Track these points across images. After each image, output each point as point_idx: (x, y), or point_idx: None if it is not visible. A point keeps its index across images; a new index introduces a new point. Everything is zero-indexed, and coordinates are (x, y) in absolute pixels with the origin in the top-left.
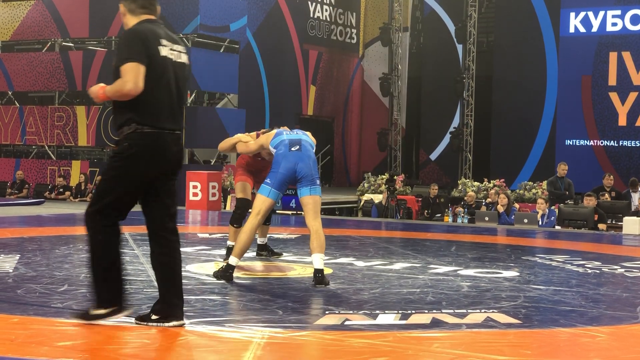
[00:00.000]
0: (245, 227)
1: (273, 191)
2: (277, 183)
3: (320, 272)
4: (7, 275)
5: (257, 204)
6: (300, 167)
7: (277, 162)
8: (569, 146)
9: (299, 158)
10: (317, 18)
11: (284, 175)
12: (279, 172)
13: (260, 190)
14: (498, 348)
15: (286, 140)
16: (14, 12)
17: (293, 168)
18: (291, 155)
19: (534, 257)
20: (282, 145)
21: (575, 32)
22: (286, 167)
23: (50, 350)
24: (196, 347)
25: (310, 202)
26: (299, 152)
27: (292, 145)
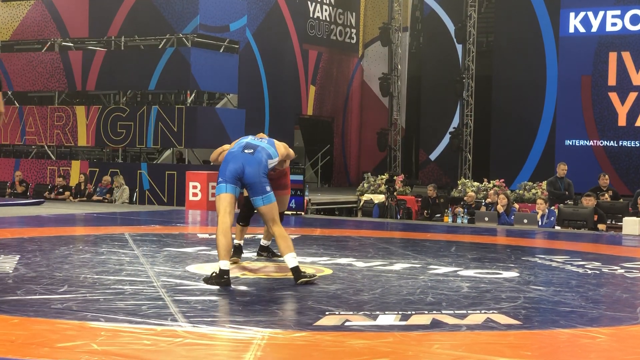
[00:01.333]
0: (219, 228)
1: (229, 186)
2: (228, 177)
3: (297, 269)
4: (7, 276)
5: (220, 203)
6: (248, 171)
7: (226, 161)
8: (569, 146)
9: (247, 161)
10: (316, 18)
11: (232, 171)
12: (227, 169)
13: (217, 191)
14: (498, 349)
15: (243, 142)
16: (13, 12)
17: (240, 168)
18: (241, 156)
19: (533, 257)
20: (237, 145)
21: (575, 32)
22: (233, 165)
23: (51, 352)
24: (196, 348)
25: (266, 210)
26: (249, 156)
27: (246, 147)
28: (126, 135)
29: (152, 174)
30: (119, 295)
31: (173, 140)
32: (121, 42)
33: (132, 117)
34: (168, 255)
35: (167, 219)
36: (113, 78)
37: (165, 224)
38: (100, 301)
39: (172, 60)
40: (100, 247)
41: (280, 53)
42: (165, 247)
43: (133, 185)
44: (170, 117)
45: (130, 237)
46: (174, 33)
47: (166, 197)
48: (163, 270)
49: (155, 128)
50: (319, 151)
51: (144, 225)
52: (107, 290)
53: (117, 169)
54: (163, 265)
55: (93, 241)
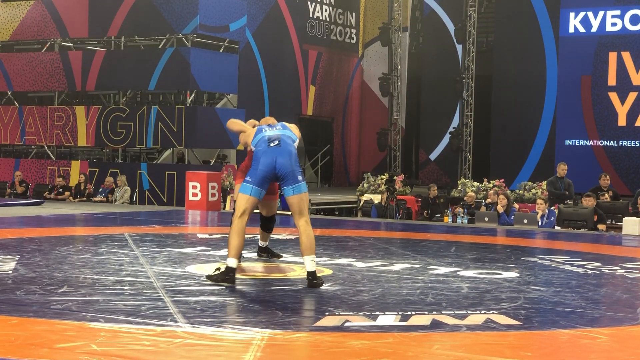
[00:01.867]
0: (234, 228)
1: (255, 189)
2: (258, 180)
3: (313, 274)
4: (7, 276)
5: (241, 203)
6: (280, 163)
7: (257, 159)
8: (569, 146)
9: (277, 153)
10: (316, 18)
11: (264, 171)
12: (259, 169)
13: (241, 189)
14: (498, 350)
15: (265, 136)
16: (13, 12)
17: (272, 164)
18: (270, 151)
19: (533, 257)
20: (261, 143)
21: (574, 32)
22: (265, 162)
23: (50, 352)
24: (196, 349)
25: (295, 201)
26: (277, 148)
27: (270, 141)
28: (126, 135)
29: (151, 174)
30: (118, 296)
31: (173, 140)
32: (121, 42)
33: (132, 117)
34: (168, 256)
35: (166, 219)
36: (113, 78)
37: (165, 224)
38: (99, 302)
39: (172, 60)
40: (100, 248)
41: (280, 53)
42: (165, 248)
43: (133, 186)
44: (170, 117)
45: (130, 238)
46: (173, 33)
47: (166, 197)
48: (163, 270)
49: (155, 128)
50: (318, 151)
51: (144, 225)
52: (106, 291)
53: (117, 169)
54: (163, 265)
55: (93, 241)
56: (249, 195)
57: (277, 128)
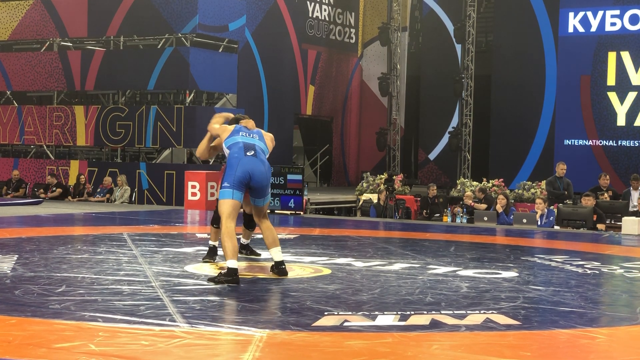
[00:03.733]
0: (225, 232)
1: (235, 192)
2: (236, 184)
3: (282, 263)
4: (5, 276)
5: (225, 208)
6: (256, 176)
7: (232, 165)
8: (568, 146)
9: (254, 165)
10: (315, 18)
11: (241, 177)
12: (236, 175)
13: (222, 195)
14: (498, 349)
15: (241, 143)
16: (12, 12)
17: (248, 173)
18: (246, 160)
19: (533, 257)
20: (236, 148)
21: (574, 32)
22: (242, 170)
23: (48, 352)
24: (194, 349)
25: (263, 208)
26: (254, 158)
27: (246, 149)
28: (125, 135)
29: (151, 174)
30: (117, 296)
31: (172, 140)
32: (120, 41)
33: (131, 117)
34: (166, 255)
35: (165, 219)
36: (112, 78)
37: (164, 223)
38: (98, 301)
39: (171, 60)
40: (99, 247)
41: (279, 53)
42: (163, 247)
43: (132, 185)
44: (169, 117)
45: (129, 237)
46: (172, 33)
47: (165, 197)
48: (161, 270)
49: (154, 128)
50: (318, 151)
51: (143, 225)
52: (105, 291)
53: (116, 169)
54: (161, 265)
55: (91, 241)
56: (231, 199)
57: (254, 136)
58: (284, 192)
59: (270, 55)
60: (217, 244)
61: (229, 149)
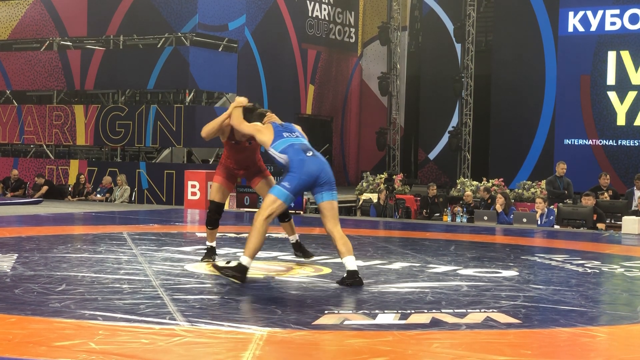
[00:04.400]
0: (258, 228)
1: (290, 197)
2: (297, 189)
3: (356, 273)
4: (5, 275)
5: (273, 206)
6: (323, 173)
7: (297, 167)
8: (568, 145)
9: (318, 164)
10: (315, 17)
11: (306, 181)
12: (301, 178)
13: (276, 193)
14: (498, 348)
15: (296, 145)
16: (12, 11)
17: (316, 174)
18: (310, 161)
19: (533, 256)
20: (291, 150)
21: (574, 32)
22: (308, 172)
23: (48, 350)
24: (195, 347)
25: (328, 207)
26: (315, 158)
27: (305, 150)
28: (125, 135)
29: (150, 173)
30: (117, 294)
31: (172, 139)
32: (120, 41)
33: (130, 116)
34: (166, 254)
35: (165, 218)
36: (112, 77)
37: (164, 223)
38: (98, 300)
39: (171, 59)
40: (99, 246)
41: (279, 52)
42: (163, 246)
43: (132, 185)
44: (169, 116)
45: (129, 236)
46: (172, 32)
47: (165, 196)
48: (161, 269)
49: (154, 127)
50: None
51: (143, 224)
52: (105, 289)
53: (116, 168)
54: (161, 264)
55: (91, 240)
56: (282, 201)
57: (297, 135)
58: None
59: (270, 55)
60: (214, 244)
61: (284, 153)
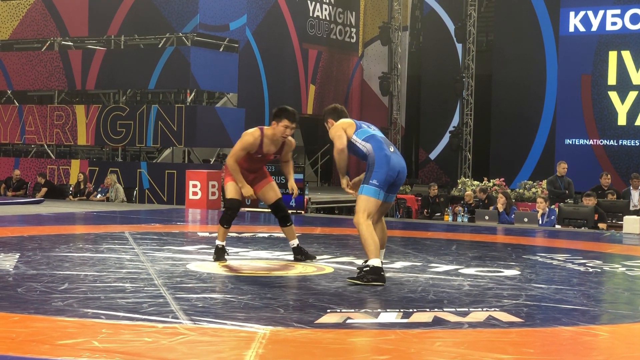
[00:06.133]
0: (368, 230)
1: (382, 193)
2: (386, 184)
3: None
4: (8, 274)
5: (370, 206)
6: (402, 173)
7: (382, 164)
8: (569, 145)
9: (400, 162)
10: (316, 17)
11: (391, 176)
12: (388, 174)
13: (368, 192)
14: (500, 346)
15: (378, 137)
16: (13, 11)
17: (397, 172)
18: (394, 157)
19: (534, 255)
20: (374, 142)
21: (575, 31)
22: (393, 169)
23: (51, 349)
24: (198, 345)
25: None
26: (397, 155)
27: (387, 144)
28: (126, 134)
29: (151, 173)
30: (119, 293)
31: (173, 139)
32: (121, 41)
33: (131, 116)
34: (168, 254)
35: (167, 218)
36: (113, 77)
37: (165, 222)
38: (101, 299)
39: (172, 59)
40: (101, 246)
41: (280, 52)
42: (165, 246)
43: (133, 184)
44: (170, 116)
45: (131, 236)
46: (173, 32)
47: (166, 196)
48: (163, 268)
49: (155, 127)
50: (318, 150)
51: (144, 224)
52: (107, 288)
53: (117, 168)
54: (163, 263)
55: (93, 239)
56: (377, 199)
57: (374, 128)
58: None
59: (271, 55)
60: (224, 243)
61: (367, 142)
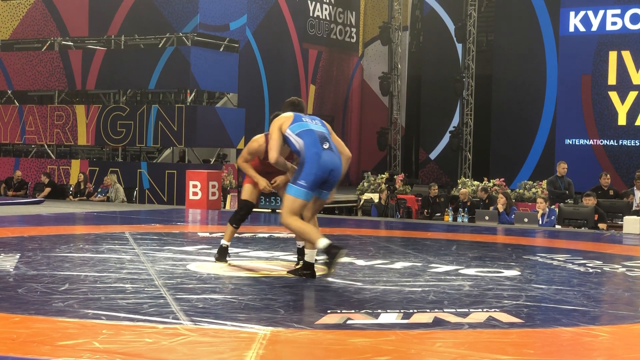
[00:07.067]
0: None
1: (309, 194)
2: (314, 185)
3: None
4: (8, 275)
5: (295, 206)
6: (335, 172)
7: (311, 162)
8: (569, 145)
9: (333, 160)
10: (316, 17)
11: (321, 177)
12: (317, 174)
13: (294, 192)
14: (501, 347)
15: (313, 131)
16: (13, 11)
17: (329, 171)
18: (326, 155)
19: (535, 256)
20: (308, 137)
21: (575, 31)
22: (323, 169)
23: (52, 350)
24: (198, 346)
25: (317, 202)
26: (331, 153)
27: (322, 141)
28: (126, 134)
29: (152, 173)
30: (120, 294)
31: (173, 139)
32: (121, 41)
33: (132, 116)
34: (169, 254)
35: (167, 218)
36: (113, 77)
37: (166, 222)
38: (101, 299)
39: (172, 59)
40: (101, 246)
41: (280, 52)
42: (166, 246)
43: (133, 184)
44: (170, 116)
45: (131, 236)
46: (173, 32)
47: (166, 196)
48: (164, 268)
49: (155, 127)
50: None
51: (144, 224)
52: (108, 289)
53: (117, 168)
54: (164, 263)
55: (93, 240)
56: (303, 200)
57: (317, 123)
58: None
59: (271, 55)
60: (229, 244)
61: (300, 137)
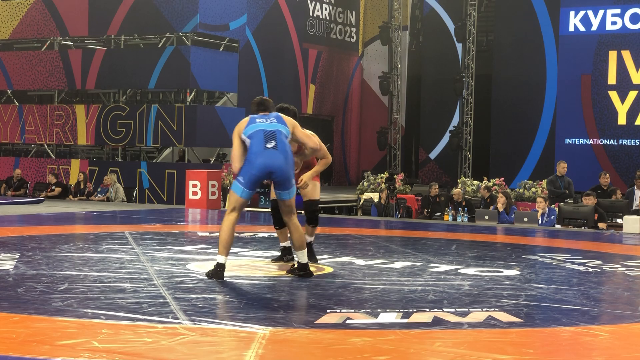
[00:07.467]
0: (224, 224)
1: (246, 191)
2: (250, 183)
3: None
4: (8, 274)
5: (232, 200)
6: (277, 171)
7: (251, 161)
8: (569, 145)
9: (273, 159)
10: (316, 17)
11: (257, 176)
12: (252, 173)
13: (233, 187)
14: (500, 347)
15: (261, 131)
16: (13, 11)
17: (267, 170)
18: (267, 154)
19: (534, 255)
20: (255, 138)
21: (574, 31)
22: (260, 168)
23: (51, 349)
24: (198, 346)
25: (281, 204)
26: (274, 151)
27: (267, 139)
28: (126, 134)
29: (151, 173)
30: (119, 293)
31: (173, 139)
32: (121, 40)
33: (131, 116)
34: (168, 254)
35: (167, 218)
36: (113, 77)
37: (165, 222)
38: (100, 299)
39: (172, 59)
40: (101, 246)
41: (280, 52)
42: (165, 246)
43: (133, 184)
44: (170, 116)
45: (131, 236)
46: (173, 32)
47: (166, 196)
48: (164, 268)
49: (155, 127)
50: None
51: (144, 223)
52: (107, 288)
53: (117, 168)
54: (163, 263)
55: (93, 239)
56: (239, 196)
57: (272, 120)
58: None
59: (271, 54)
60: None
61: (250, 139)
